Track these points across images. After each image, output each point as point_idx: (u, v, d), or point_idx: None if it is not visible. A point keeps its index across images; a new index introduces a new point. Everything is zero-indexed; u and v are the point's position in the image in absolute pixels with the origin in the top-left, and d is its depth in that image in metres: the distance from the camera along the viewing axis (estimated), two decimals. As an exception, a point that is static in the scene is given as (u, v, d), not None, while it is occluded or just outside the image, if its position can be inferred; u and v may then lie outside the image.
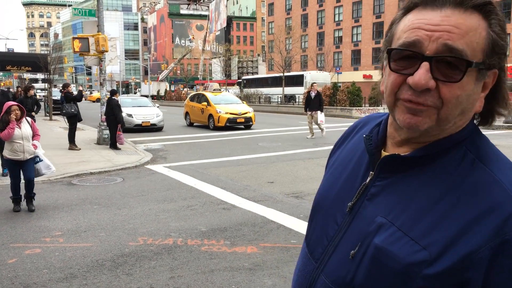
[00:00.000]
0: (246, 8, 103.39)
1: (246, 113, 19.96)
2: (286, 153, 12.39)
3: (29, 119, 6.91)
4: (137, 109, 19.55)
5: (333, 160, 1.12)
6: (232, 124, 19.45)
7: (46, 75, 24.74)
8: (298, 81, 43.46)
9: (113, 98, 13.72)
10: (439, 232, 0.81)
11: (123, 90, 79.50)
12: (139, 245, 5.19)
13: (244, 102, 23.31)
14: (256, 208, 6.72)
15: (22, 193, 6.81)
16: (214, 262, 4.65)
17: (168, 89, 67.01)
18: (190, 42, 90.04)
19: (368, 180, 0.94)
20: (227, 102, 20.79)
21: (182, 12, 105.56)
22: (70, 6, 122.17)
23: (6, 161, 6.88)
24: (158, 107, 21.89)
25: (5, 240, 5.42)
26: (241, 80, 57.26)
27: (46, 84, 25.90)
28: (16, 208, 6.73)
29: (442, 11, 0.82)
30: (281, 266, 4.54)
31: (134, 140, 15.44)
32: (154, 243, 5.24)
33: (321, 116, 15.91)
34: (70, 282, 4.22)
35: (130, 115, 18.57)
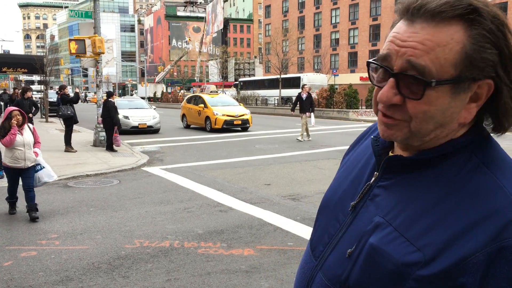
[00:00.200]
0: (243, 10, 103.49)
1: (243, 115, 19.96)
2: (283, 155, 12.40)
3: (31, 126, 6.71)
4: (133, 111, 19.52)
5: (345, 161, 1.13)
6: (229, 126, 19.44)
7: (42, 77, 24.63)
8: (295, 83, 43.45)
9: (109, 100, 13.69)
10: (435, 234, 0.80)
11: (120, 92, 79.37)
12: (136, 247, 5.18)
13: (241, 104, 23.33)
14: (253, 210, 6.71)
15: (18, 194, 6.71)
16: (211, 264, 4.64)
17: (164, 91, 66.90)
18: (187, 44, 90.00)
19: (372, 180, 0.95)
20: (224, 104, 20.79)
21: (179, 14, 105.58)
22: (66, 8, 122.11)
23: (5, 169, 6.60)
24: (154, 109, 21.86)
25: (0, 242, 5.39)
26: (238, 82, 57.24)
27: (42, 86, 25.81)
28: (11, 211, 6.64)
29: (413, 26, 0.82)
30: (278, 269, 4.53)
31: (130, 142, 15.40)
32: (151, 246, 5.22)
33: (311, 117, 15.95)
34: (66, 284, 4.19)
35: (126, 117, 18.55)
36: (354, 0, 56.99)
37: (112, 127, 13.36)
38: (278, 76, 43.68)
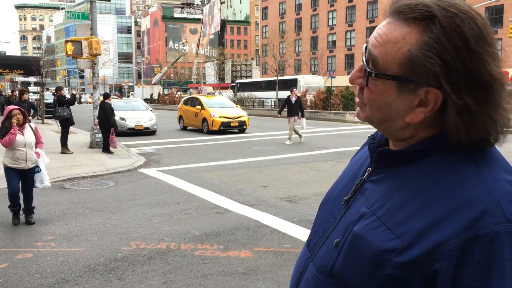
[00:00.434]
0: (240, 12, 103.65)
1: (240, 117, 19.96)
2: (280, 157, 12.40)
3: (32, 125, 6.44)
4: (130, 112, 19.46)
5: (350, 162, 1.18)
6: (226, 128, 19.43)
7: (38, 78, 24.58)
8: (291, 85, 43.14)
9: (106, 101, 13.66)
10: (414, 222, 0.82)
11: (116, 93, 79.23)
12: (132, 249, 5.16)
13: (238, 106, 23.31)
14: (249, 212, 6.71)
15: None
16: (208, 266, 4.63)
17: (161, 92, 66.87)
18: (184, 45, 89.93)
19: (365, 175, 0.99)
20: (221, 106, 20.77)
21: (175, 15, 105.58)
22: (63, 9, 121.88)
23: (5, 170, 6.21)
24: (151, 111, 21.82)
25: (-4, 244, 5.37)
26: (235, 84, 57.26)
27: (39, 87, 25.74)
28: (15, 220, 6.15)
29: (385, 20, 0.89)
30: (274, 271, 4.52)
31: (127, 143, 15.37)
32: (147, 248, 5.21)
33: (303, 122, 15.98)
34: (61, 287, 4.18)
35: (123, 119, 18.48)
36: (351, 2, 57.17)
37: (108, 129, 13.32)
38: (275, 78, 43.71)
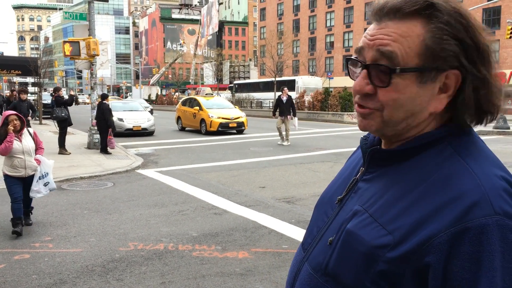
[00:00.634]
0: (238, 13, 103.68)
1: (239, 117, 19.96)
2: (278, 158, 12.40)
3: (31, 130, 6.16)
4: (128, 113, 19.45)
5: (345, 163, 1.20)
6: (224, 128, 19.43)
7: (36, 79, 24.53)
8: (289, 86, 43.26)
9: (104, 102, 13.65)
10: (405, 218, 0.84)
11: (114, 94, 79.12)
12: (130, 250, 5.16)
13: (236, 106, 23.31)
14: (247, 213, 6.71)
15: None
16: (205, 267, 4.63)
17: (159, 93, 66.79)
18: (181, 46, 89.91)
19: (358, 175, 1.01)
20: (220, 107, 20.76)
21: (173, 16, 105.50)
22: (61, 9, 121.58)
23: (5, 178, 5.93)
24: (152, 110, 21.78)
25: (-7, 245, 5.36)
26: (233, 84, 57.27)
27: (36, 88, 25.68)
28: (16, 229, 5.65)
29: (380, 24, 0.90)
30: (272, 271, 4.53)
31: (125, 144, 15.36)
32: (145, 248, 5.20)
33: (295, 121, 15.86)
34: (59, 287, 4.18)
35: (121, 119, 18.47)
36: (348, 3, 57.25)
37: (106, 130, 13.31)
38: (273, 79, 43.72)
